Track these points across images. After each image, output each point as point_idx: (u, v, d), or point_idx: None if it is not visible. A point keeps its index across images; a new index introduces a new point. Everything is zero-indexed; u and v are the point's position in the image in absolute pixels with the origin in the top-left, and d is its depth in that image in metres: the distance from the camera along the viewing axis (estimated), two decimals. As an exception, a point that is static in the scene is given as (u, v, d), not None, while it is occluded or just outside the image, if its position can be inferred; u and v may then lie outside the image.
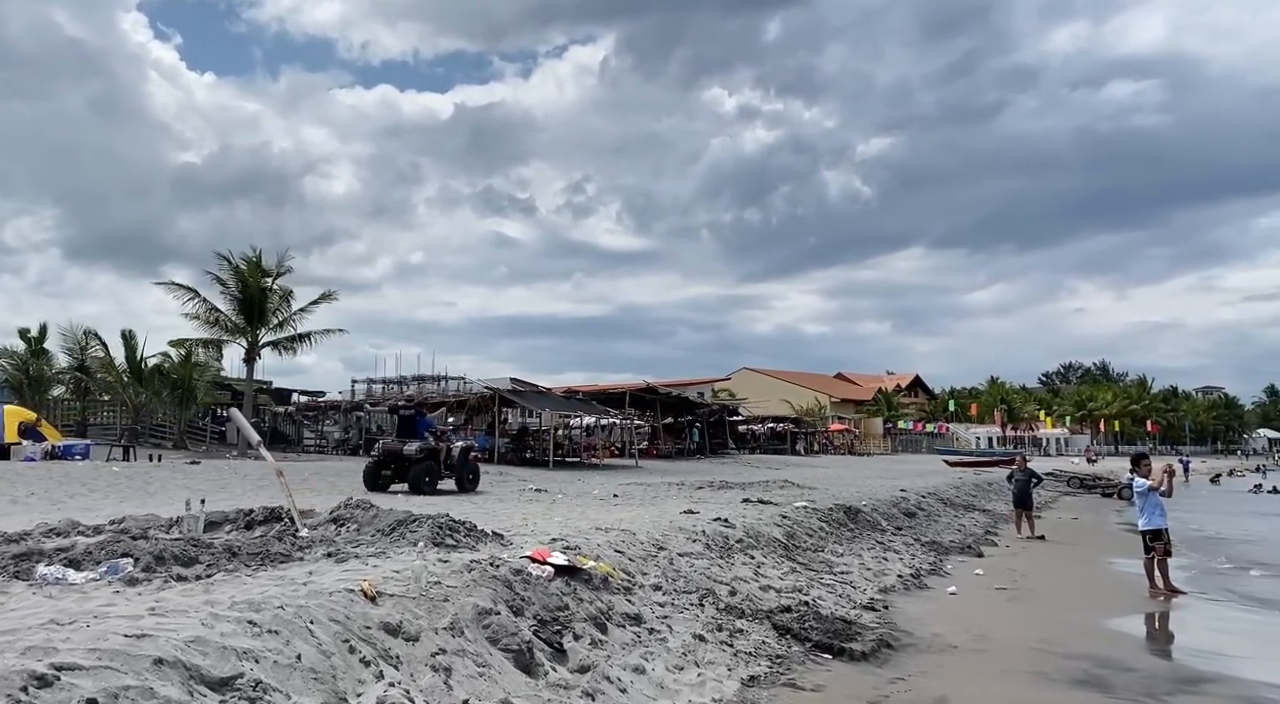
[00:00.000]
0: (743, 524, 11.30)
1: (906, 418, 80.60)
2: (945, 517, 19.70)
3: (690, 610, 7.47)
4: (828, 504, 15.43)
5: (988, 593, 10.76)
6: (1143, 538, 11.30)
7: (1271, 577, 13.99)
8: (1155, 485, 11.09)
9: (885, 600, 9.49)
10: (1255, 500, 36.81)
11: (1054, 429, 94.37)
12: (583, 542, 8.35)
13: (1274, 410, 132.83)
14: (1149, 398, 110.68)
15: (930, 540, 15.13)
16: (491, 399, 32.82)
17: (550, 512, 12.52)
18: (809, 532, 12.68)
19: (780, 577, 9.59)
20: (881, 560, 12.11)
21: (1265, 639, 8.94)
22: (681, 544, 9.51)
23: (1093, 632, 8.67)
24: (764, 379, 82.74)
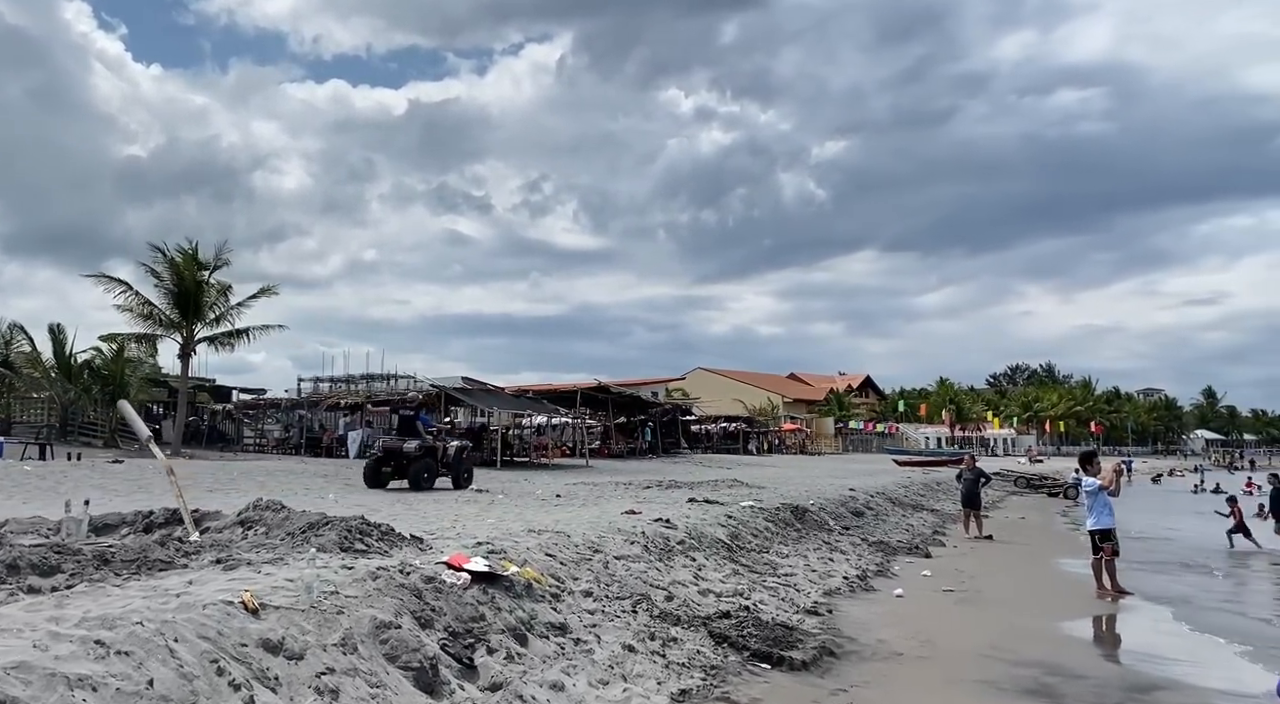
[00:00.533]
0: (685, 525, 10.86)
1: (857, 418, 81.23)
2: (893, 516, 19.50)
3: (622, 618, 7.00)
4: (775, 504, 15.08)
5: (935, 595, 10.45)
6: (1091, 538, 11.09)
7: (1199, 574, 13.96)
8: (1105, 484, 10.89)
9: (829, 604, 9.11)
10: (1195, 500, 37.44)
11: (1001, 430, 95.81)
12: (511, 545, 7.83)
13: (1211, 412, 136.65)
14: (1093, 399, 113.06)
15: (878, 541, 14.85)
16: (438, 398, 32.07)
17: (486, 513, 11.96)
18: (754, 532, 12.29)
19: (722, 580, 9.16)
20: (827, 562, 11.76)
21: (1205, 643, 8.72)
22: (619, 546, 9.04)
23: (1042, 636, 8.37)
24: (718, 379, 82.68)
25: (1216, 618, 10.05)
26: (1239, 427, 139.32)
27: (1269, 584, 13.86)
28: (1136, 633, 9.12)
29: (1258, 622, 10.04)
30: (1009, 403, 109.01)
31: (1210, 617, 10.11)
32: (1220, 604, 11.17)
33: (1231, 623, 9.75)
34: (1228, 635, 8.91)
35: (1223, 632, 9.10)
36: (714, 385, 77.41)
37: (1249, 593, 12.72)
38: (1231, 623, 9.75)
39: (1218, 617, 10.14)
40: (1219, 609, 10.73)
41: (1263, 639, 8.83)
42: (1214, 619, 9.93)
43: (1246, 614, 10.55)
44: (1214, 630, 9.17)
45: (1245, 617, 10.32)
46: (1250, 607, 11.22)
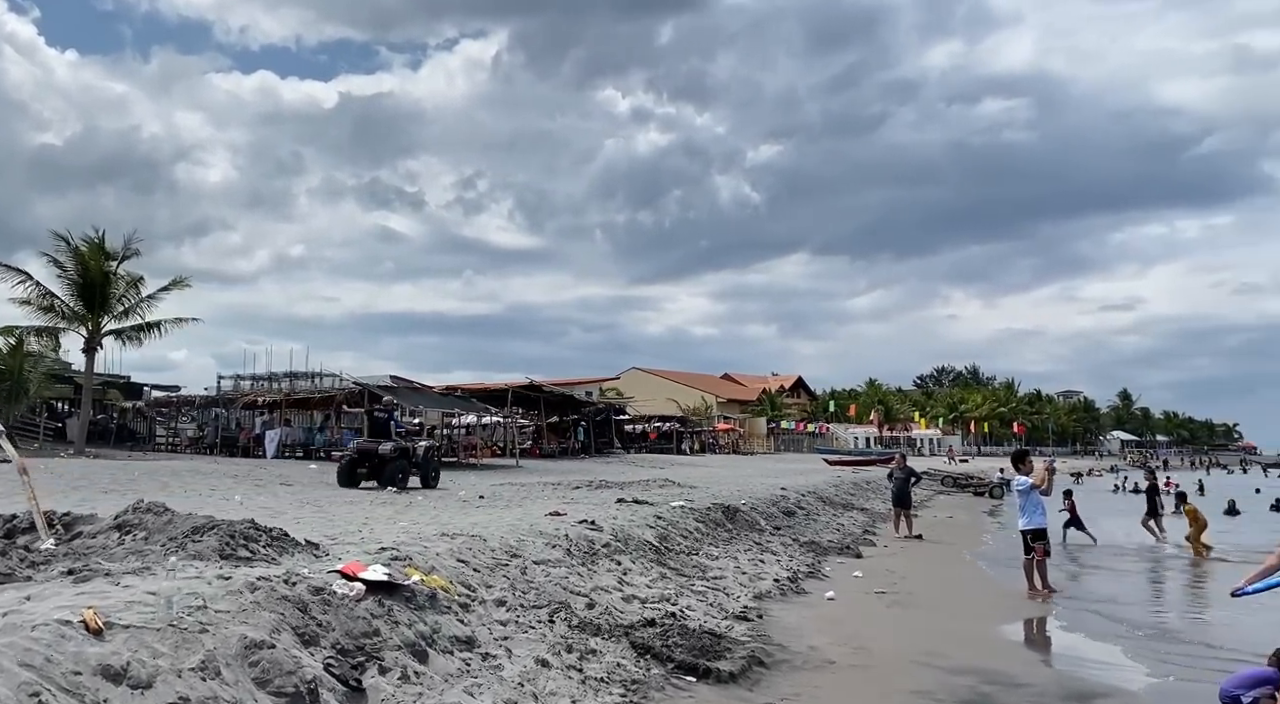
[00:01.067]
0: (612, 526, 10.37)
1: (789, 418, 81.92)
2: (824, 515, 19.33)
3: (538, 629, 6.46)
4: (706, 503, 14.70)
5: (867, 597, 10.16)
6: (1023, 538, 10.95)
7: (1121, 573, 14.04)
8: (1038, 483, 10.75)
9: (760, 608, 8.72)
10: (1115, 499, 38.47)
11: (928, 430, 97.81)
12: (419, 551, 7.23)
13: (1126, 413, 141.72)
14: (1015, 400, 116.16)
15: (809, 540, 14.58)
16: (360, 395, 30.97)
17: (400, 515, 11.28)
18: (684, 533, 11.86)
19: (648, 584, 8.69)
20: (758, 563, 11.40)
21: (1134, 645, 8.58)
22: (539, 550, 8.49)
23: (977, 641, 8.11)
24: (652, 379, 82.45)
25: (1144, 617, 9.98)
26: (1152, 427, 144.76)
27: (1184, 580, 13.99)
28: (1073, 636, 8.93)
29: (1188, 621, 10.01)
30: (935, 404, 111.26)
31: (1136, 616, 10.03)
32: (1143, 603, 11.14)
33: (1154, 621, 9.68)
34: (1154, 637, 8.80)
35: (1149, 634, 8.99)
36: (649, 385, 77.15)
37: (1167, 591, 12.79)
38: (1154, 621, 9.68)
39: (1144, 617, 10.07)
40: (1141, 607, 10.69)
41: (1187, 640, 8.74)
42: (1141, 619, 9.86)
43: (1168, 613, 10.52)
44: (1140, 632, 9.05)
45: (1166, 615, 10.28)
46: (1170, 605, 11.23)
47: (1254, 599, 7.06)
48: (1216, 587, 13.24)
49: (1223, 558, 16.01)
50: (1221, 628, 9.10)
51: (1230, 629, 8.72)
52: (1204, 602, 11.69)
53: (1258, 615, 7.90)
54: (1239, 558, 16.34)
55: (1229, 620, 9.30)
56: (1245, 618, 8.52)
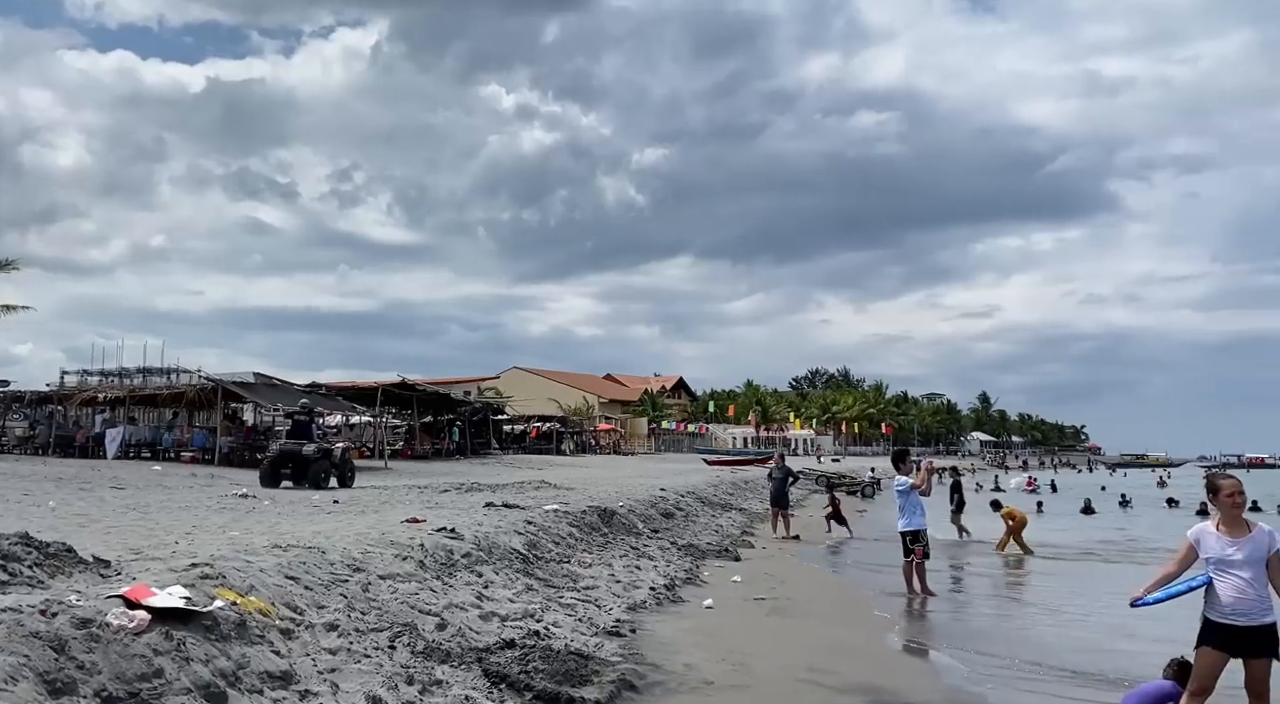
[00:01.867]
0: (475, 534, 9.49)
1: (670, 418, 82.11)
2: (703, 517, 18.92)
3: (374, 656, 5.57)
4: (582, 506, 13.97)
5: (746, 605, 9.64)
6: (902, 539, 10.68)
7: (994, 572, 14.12)
8: (918, 484, 10.50)
9: (634, 621, 8.03)
10: (981, 498, 39.80)
11: (802, 430, 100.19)
12: (240, 566, 6.20)
13: (985, 415, 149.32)
14: (884, 402, 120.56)
15: (687, 544, 14.05)
16: (213, 392, 28.77)
17: (235, 523, 10.07)
18: (555, 539, 11.08)
19: (511, 598, 7.87)
20: (634, 570, 10.73)
21: (1022, 649, 8.35)
22: (387, 563, 7.55)
23: (861, 653, 7.65)
24: (533, 379, 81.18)
25: (1028, 620, 9.85)
26: (1008, 429, 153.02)
27: (1061, 581, 14.17)
28: (952, 638, 8.63)
29: (1068, 620, 9.93)
30: (809, 405, 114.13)
31: (1018, 618, 9.89)
32: (1026, 604, 11.07)
33: (1032, 627, 9.55)
34: (1040, 641, 8.61)
35: (1035, 636, 8.81)
36: (529, 385, 75.86)
37: (1042, 591, 12.85)
38: (1032, 627, 9.55)
39: (1028, 619, 9.95)
40: (1025, 606, 10.60)
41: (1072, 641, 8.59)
42: (1025, 621, 9.72)
43: (1053, 612, 10.46)
44: (1025, 633, 8.87)
45: (1050, 613, 10.20)
46: (1048, 603, 11.21)
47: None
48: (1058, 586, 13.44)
49: (1058, 557, 16.59)
50: (1110, 631, 9.02)
51: (1124, 634, 8.61)
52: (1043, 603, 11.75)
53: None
54: (1074, 556, 16.90)
55: (1114, 623, 9.24)
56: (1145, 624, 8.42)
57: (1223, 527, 5.00)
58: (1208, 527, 5.08)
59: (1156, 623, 7.23)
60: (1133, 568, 15.48)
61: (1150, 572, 5.61)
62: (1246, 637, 4.80)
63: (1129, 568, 15.59)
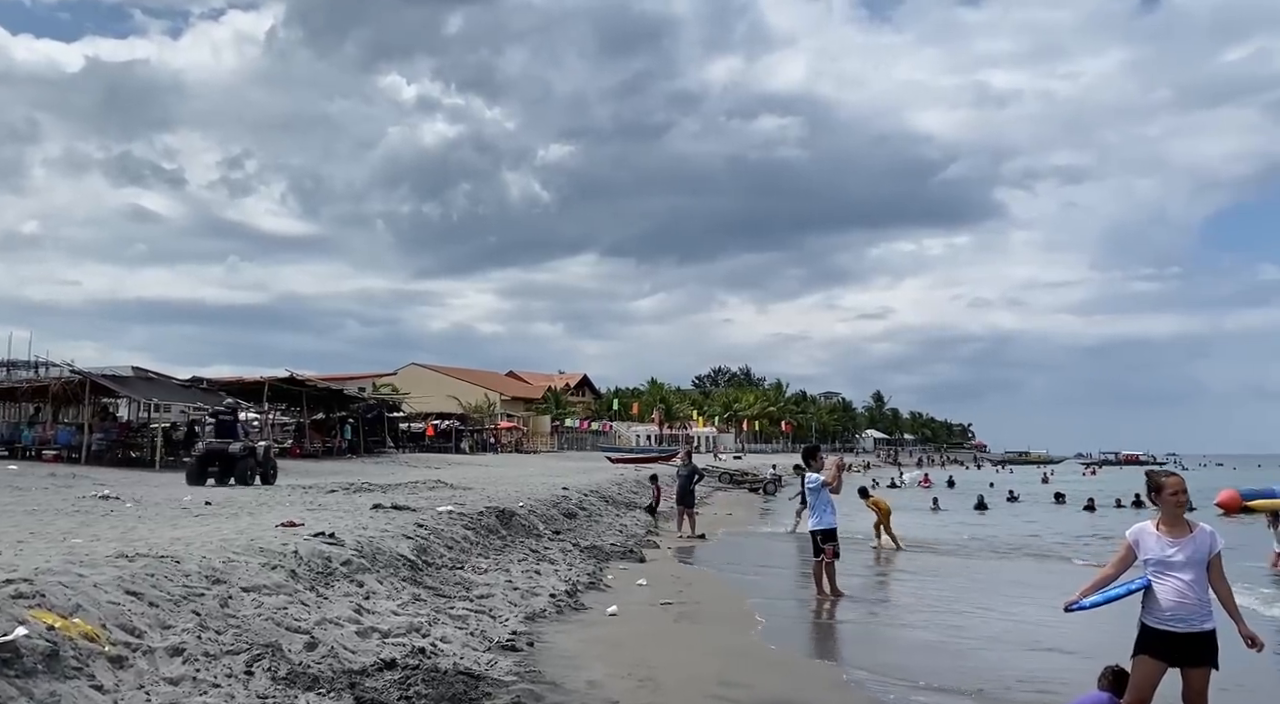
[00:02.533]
0: (358, 539, 8.66)
1: (574, 416, 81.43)
2: (607, 516, 18.37)
3: (226, 686, 4.78)
4: (479, 507, 13.22)
5: (652, 611, 9.10)
6: (813, 539, 10.34)
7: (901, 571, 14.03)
8: (829, 481, 10.18)
9: (532, 633, 7.39)
10: (895, 494, 40.62)
11: (705, 428, 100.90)
12: (71, 581, 5.30)
13: (879, 414, 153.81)
14: (784, 400, 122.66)
15: (590, 545, 13.46)
16: (81, 386, 26.66)
17: (82, 529, 8.95)
18: (449, 543, 10.33)
19: (395, 610, 7.12)
20: (533, 575, 10.07)
21: (941, 653, 8.08)
22: (252, 574, 6.71)
23: (775, 661, 7.20)
24: (433, 375, 79.21)
25: (943, 619, 9.64)
26: (901, 427, 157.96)
27: (958, 579, 14.18)
28: (878, 648, 8.30)
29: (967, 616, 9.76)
30: (712, 403, 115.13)
31: (931, 619, 9.67)
32: (929, 605, 10.91)
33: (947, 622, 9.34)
34: (954, 641, 8.36)
35: (947, 635, 8.57)
36: (428, 382, 73.95)
37: (939, 588, 12.78)
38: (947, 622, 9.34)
39: (941, 618, 9.74)
40: (929, 610, 10.42)
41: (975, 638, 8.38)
42: (940, 620, 9.50)
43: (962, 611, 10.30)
44: (934, 633, 8.62)
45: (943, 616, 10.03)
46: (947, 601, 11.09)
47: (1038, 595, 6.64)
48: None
49: (932, 548, 16.79)
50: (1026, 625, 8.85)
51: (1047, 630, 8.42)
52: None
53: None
54: (948, 550, 17.10)
55: (1033, 627, 9.09)
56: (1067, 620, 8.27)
57: (1163, 526, 4.71)
58: (1147, 527, 4.78)
59: (1088, 629, 7.03)
60: (1030, 561, 15.74)
61: (1056, 568, 5.29)
62: (1186, 644, 4.52)
63: (1027, 562, 15.83)
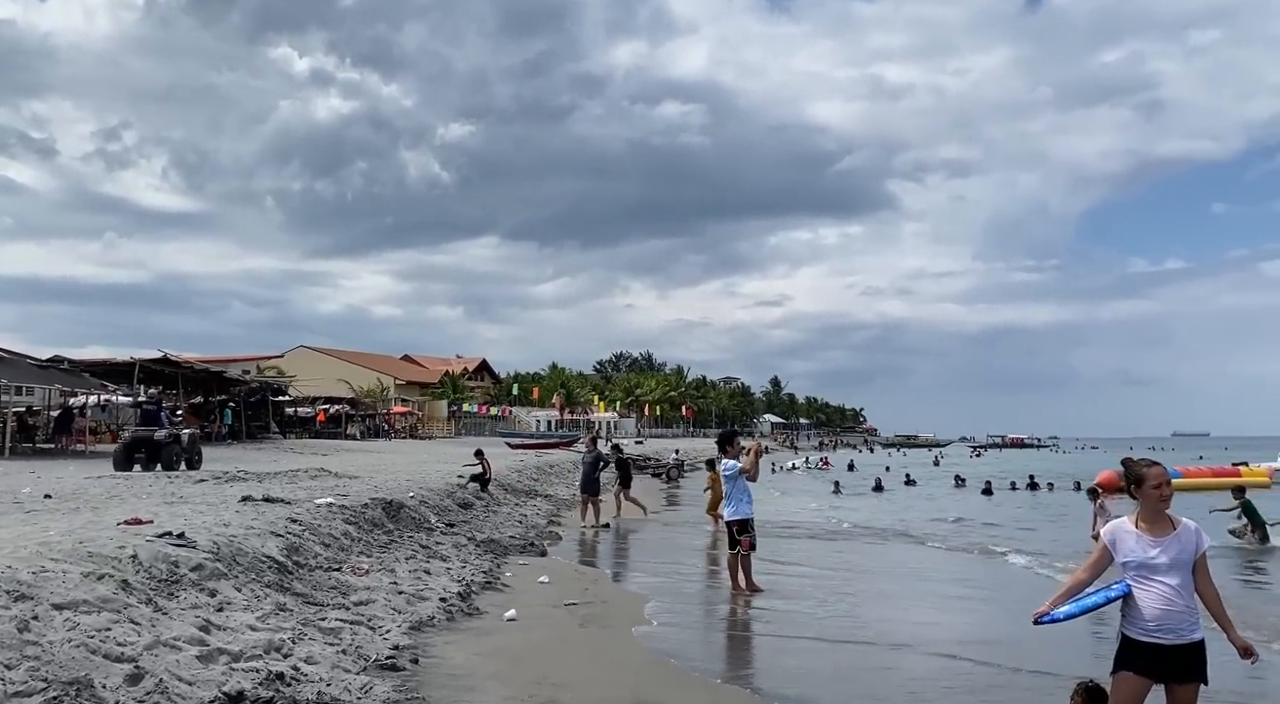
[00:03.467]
0: (215, 538, 7.49)
1: (472, 401, 79.72)
2: (506, 506, 17.38)
3: (7, 743, 3.70)
4: (364, 499, 12.06)
5: (555, 614, 8.24)
6: (729, 530, 9.65)
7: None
8: (746, 469, 9.51)
9: (417, 646, 6.43)
10: (787, 478, 40.94)
11: (606, 413, 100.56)
12: None
13: (776, 398, 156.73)
14: (684, 385, 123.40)
15: (487, 538, 12.47)
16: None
17: None
18: (326, 540, 9.21)
19: (253, 624, 6.04)
20: (422, 575, 9.06)
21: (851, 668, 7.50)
22: (70, 587, 5.53)
23: (693, 679, 6.43)
24: (323, 358, 76.04)
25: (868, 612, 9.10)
26: (797, 411, 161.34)
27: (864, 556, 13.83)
28: (789, 649, 7.65)
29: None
30: (613, 388, 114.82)
31: (849, 624, 9.12)
32: (848, 602, 10.40)
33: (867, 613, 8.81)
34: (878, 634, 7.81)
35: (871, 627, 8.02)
36: (318, 365, 70.90)
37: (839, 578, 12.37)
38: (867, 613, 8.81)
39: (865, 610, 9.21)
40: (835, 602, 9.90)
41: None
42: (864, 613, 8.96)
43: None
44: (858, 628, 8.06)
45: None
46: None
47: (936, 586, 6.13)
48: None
49: (846, 535, 16.64)
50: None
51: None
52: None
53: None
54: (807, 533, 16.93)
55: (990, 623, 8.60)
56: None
57: (1143, 523, 4.11)
58: (1124, 524, 4.19)
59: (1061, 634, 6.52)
60: (945, 554, 15.57)
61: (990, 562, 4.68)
62: (1174, 657, 3.94)
63: (952, 553, 15.62)
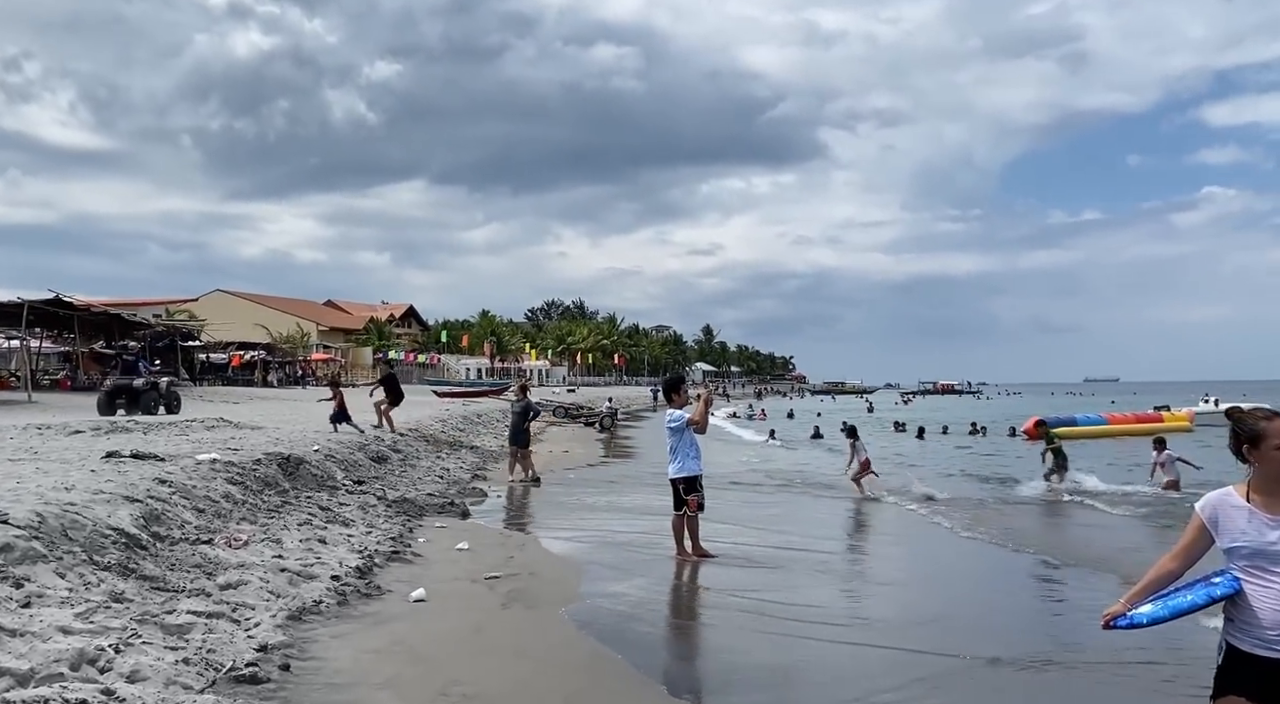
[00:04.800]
0: (43, 509, 5.99)
1: (398, 348, 77.52)
2: (426, 459, 16.00)
3: None
4: (258, 454, 10.57)
5: (474, 591, 6.99)
6: (673, 489, 8.49)
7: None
8: (695, 420, 8.33)
9: (293, 643, 5.12)
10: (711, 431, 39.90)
11: (538, 361, 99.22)
12: None
13: (708, 347, 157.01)
14: (617, 334, 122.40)
15: (400, 497, 11.12)
16: None
17: None
18: (201, 505, 7.76)
19: (67, 625, 4.63)
20: (316, 544, 7.70)
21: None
22: None
23: (635, 682, 5.27)
24: (240, 303, 72.86)
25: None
26: (729, 359, 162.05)
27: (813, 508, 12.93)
28: (743, 635, 6.56)
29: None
30: (545, 336, 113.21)
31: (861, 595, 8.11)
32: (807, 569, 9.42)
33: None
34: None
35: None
36: (235, 309, 67.93)
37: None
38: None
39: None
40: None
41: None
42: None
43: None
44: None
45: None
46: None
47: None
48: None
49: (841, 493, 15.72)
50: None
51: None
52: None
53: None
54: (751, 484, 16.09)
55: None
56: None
57: (1258, 496, 3.02)
58: (1230, 497, 3.08)
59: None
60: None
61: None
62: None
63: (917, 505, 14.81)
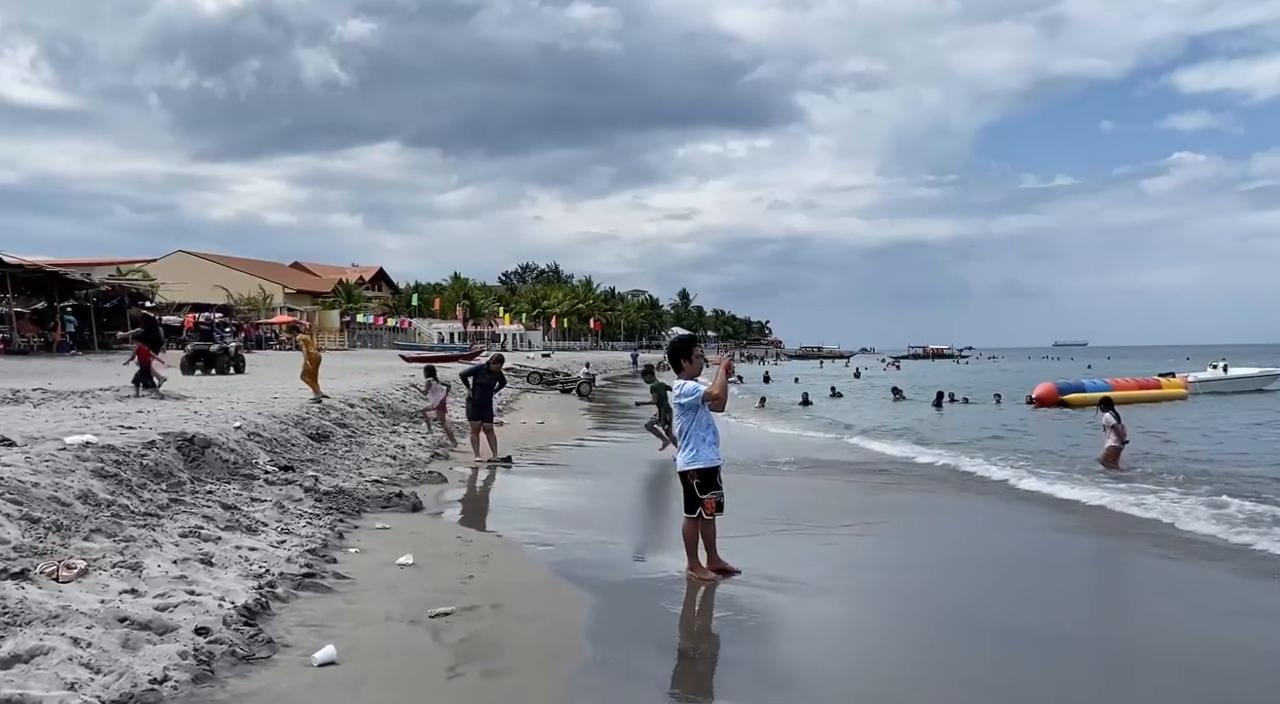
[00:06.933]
0: None
1: (368, 311, 75.12)
2: (378, 435, 13.86)
3: None
4: (151, 436, 8.38)
5: (413, 641, 4.88)
6: (685, 485, 6.39)
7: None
8: (714, 394, 6.23)
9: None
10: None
11: (512, 326, 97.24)
12: None
13: (685, 311, 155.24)
14: (593, 298, 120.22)
15: (335, 488, 8.97)
16: None
17: None
18: (33, 513, 5.60)
19: None
20: (197, 566, 5.54)
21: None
22: None
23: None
24: (203, 264, 70.20)
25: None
26: (705, 325, 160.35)
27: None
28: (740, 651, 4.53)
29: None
30: (519, 300, 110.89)
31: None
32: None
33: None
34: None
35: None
36: (198, 271, 65.45)
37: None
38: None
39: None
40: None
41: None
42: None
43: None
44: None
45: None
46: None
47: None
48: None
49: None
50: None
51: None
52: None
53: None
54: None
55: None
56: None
57: None
58: None
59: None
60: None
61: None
62: None
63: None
